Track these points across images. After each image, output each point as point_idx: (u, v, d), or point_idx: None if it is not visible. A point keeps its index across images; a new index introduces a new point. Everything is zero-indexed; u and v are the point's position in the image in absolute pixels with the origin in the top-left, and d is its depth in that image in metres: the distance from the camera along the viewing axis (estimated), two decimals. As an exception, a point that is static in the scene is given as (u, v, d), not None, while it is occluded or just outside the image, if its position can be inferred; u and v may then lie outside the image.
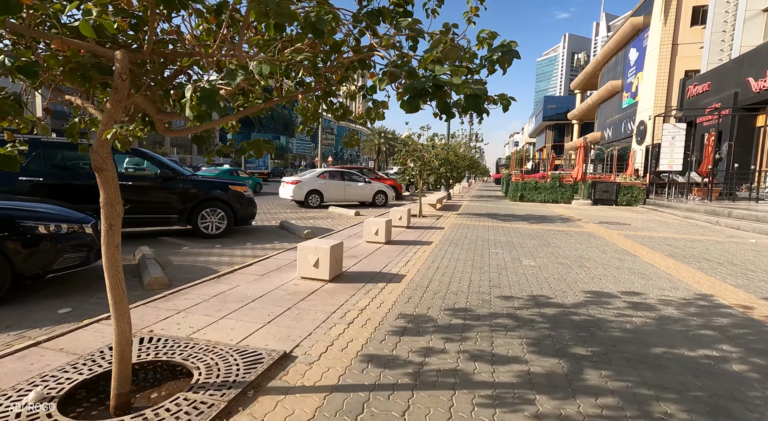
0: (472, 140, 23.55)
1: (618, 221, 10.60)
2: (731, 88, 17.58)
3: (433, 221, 9.57)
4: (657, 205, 14.28)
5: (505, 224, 9.26)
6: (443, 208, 12.93)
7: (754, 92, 16.09)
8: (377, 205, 14.33)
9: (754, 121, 16.84)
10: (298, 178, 13.09)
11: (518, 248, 6.28)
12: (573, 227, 9.15)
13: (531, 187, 16.52)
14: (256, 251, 6.03)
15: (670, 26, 26.35)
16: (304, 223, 9.46)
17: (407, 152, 9.85)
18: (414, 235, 7.32)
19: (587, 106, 43.69)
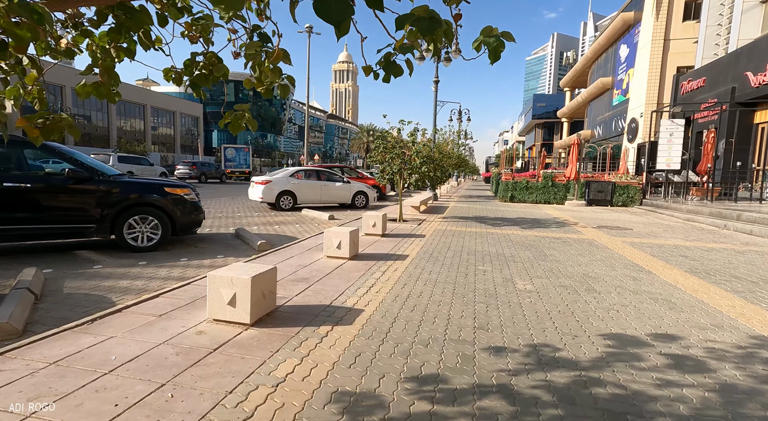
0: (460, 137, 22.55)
1: (617, 224, 9.65)
2: (728, 84, 16.86)
3: (414, 226, 8.48)
4: (655, 207, 13.44)
5: (494, 230, 8.22)
6: (428, 211, 11.86)
7: (752, 87, 15.35)
8: (357, 207, 13.19)
9: (752, 117, 16.15)
10: (268, 177, 11.87)
11: (510, 264, 5.22)
12: (570, 232, 8.15)
13: (522, 187, 15.56)
14: (188, 270, 4.86)
15: (662, 21, 25.70)
16: (268, 229, 8.29)
17: (385, 149, 8.74)
18: (388, 246, 6.21)
19: (577, 104, 43.14)
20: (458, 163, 19.48)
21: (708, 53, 19.41)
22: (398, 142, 8.83)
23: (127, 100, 59.49)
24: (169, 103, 69.75)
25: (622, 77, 31.71)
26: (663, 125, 14.09)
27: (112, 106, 56.55)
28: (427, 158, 8.71)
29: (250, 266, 3.05)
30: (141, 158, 21.71)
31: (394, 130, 8.75)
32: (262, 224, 9.01)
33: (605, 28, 35.93)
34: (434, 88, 15.32)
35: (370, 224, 6.98)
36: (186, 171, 25.99)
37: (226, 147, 32.53)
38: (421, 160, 8.43)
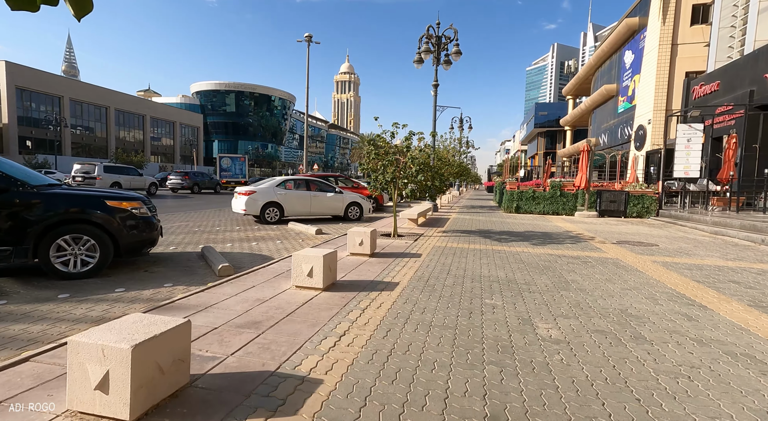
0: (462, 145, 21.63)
1: (639, 239, 8.59)
2: (745, 87, 15.90)
3: (410, 243, 7.45)
4: (674, 218, 12.36)
5: (501, 247, 7.18)
6: (426, 224, 10.83)
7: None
8: (350, 220, 12.18)
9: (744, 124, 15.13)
10: (252, 188, 10.90)
11: (525, 294, 4.17)
12: (589, 249, 7.10)
13: (528, 197, 14.53)
14: (116, 307, 3.83)
15: (669, 26, 24.93)
16: (242, 247, 7.27)
17: (377, 155, 7.76)
18: (375, 270, 5.18)
19: (580, 112, 42.32)
20: (460, 172, 18.50)
21: (721, 56, 18.52)
22: (392, 148, 7.86)
23: (126, 110, 59.16)
24: (168, 114, 69.50)
25: (628, 84, 30.88)
26: (680, 130, 13.10)
27: (111, 116, 56.20)
28: (424, 166, 7.72)
29: (146, 322, 2.02)
30: (128, 168, 20.81)
31: (386, 134, 7.78)
32: (239, 240, 7.99)
33: (606, 37, 35.29)
34: (433, 93, 14.42)
35: (357, 242, 5.95)
36: (178, 181, 25.12)
37: (221, 156, 31.74)
38: (417, 168, 7.43)
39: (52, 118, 41.36)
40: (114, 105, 56.71)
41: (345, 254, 6.07)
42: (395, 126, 7.79)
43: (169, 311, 3.32)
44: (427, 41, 13.79)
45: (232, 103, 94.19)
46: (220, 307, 3.48)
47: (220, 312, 3.35)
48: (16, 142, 43.47)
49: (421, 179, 7.37)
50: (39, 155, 41.41)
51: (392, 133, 7.85)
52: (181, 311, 3.31)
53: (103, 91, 55.69)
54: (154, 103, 70.93)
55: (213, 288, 4.08)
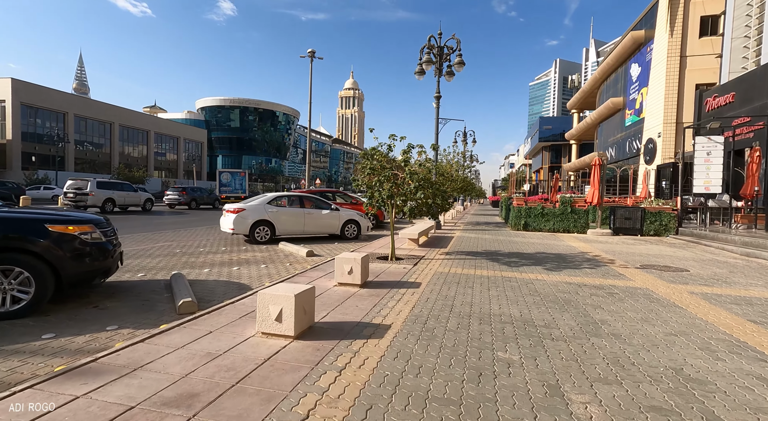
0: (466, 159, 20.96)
1: (664, 262, 7.72)
2: (764, 98, 15.14)
3: (409, 268, 6.63)
4: (697, 237, 11.45)
5: (511, 273, 6.34)
6: (428, 244, 10.02)
7: (795, 101, 13.62)
8: (347, 239, 11.40)
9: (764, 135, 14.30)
10: (241, 205, 10.18)
11: (547, 344, 3.34)
12: (611, 276, 6.24)
13: (537, 213, 13.70)
14: (28, 363, 3.05)
15: (677, 38, 24.42)
16: (220, 273, 6.49)
17: (372, 170, 7.03)
18: (364, 307, 4.37)
19: (586, 126, 41.71)
20: (464, 187, 17.75)
21: (735, 67, 17.85)
22: (389, 162, 7.13)
23: (130, 125, 59.45)
24: (173, 129, 69.86)
25: (635, 97, 30.28)
26: (698, 143, 12.31)
27: (115, 132, 56.44)
28: (424, 182, 6.96)
29: None
30: (122, 184, 20.26)
31: (383, 146, 7.07)
32: (220, 264, 7.22)
33: (611, 51, 34.95)
34: (435, 105, 13.81)
35: (345, 270, 5.15)
36: (175, 197, 24.57)
37: (221, 171, 31.32)
38: (417, 184, 6.67)
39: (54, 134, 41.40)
40: (119, 121, 57.03)
41: (332, 284, 5.27)
42: (392, 138, 7.08)
43: (80, 377, 2.52)
44: (428, 52, 13.24)
45: (236, 118, 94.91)
46: (154, 368, 2.68)
47: (151, 378, 2.55)
48: (20, 158, 43.47)
49: (420, 197, 6.60)
50: (40, 171, 41.28)
51: (389, 145, 7.14)
52: (98, 377, 2.52)
53: (107, 107, 56.11)
54: (159, 118, 71.45)
55: (159, 336, 3.28)
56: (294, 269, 7.00)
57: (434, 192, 7.01)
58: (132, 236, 10.90)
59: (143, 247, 8.96)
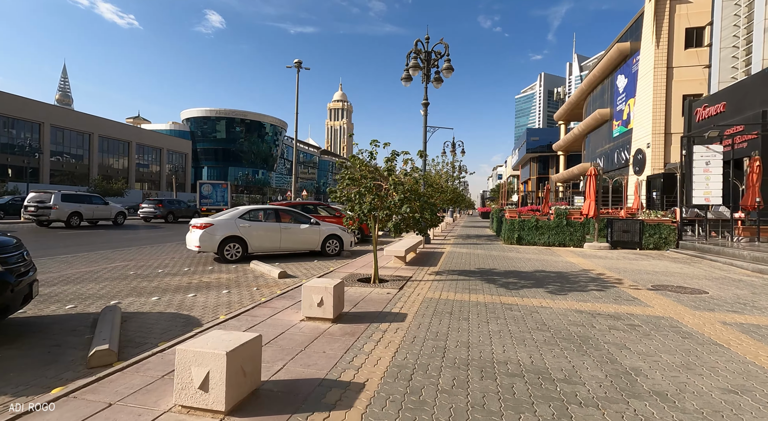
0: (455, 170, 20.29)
1: (676, 281, 6.97)
2: (756, 107, 14.86)
3: (393, 293, 5.73)
4: (700, 251, 10.82)
5: (512, 298, 5.48)
6: (416, 261, 9.13)
7: (789, 110, 13.32)
8: (328, 255, 10.45)
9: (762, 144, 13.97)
10: (209, 220, 9.18)
11: (574, 411, 2.46)
12: (626, 301, 5.43)
13: (531, 226, 12.97)
14: None
15: (663, 49, 24.47)
16: (173, 300, 5.48)
17: (351, 180, 6.17)
18: (332, 354, 3.44)
19: (573, 137, 41.79)
20: (453, 199, 17.02)
21: (725, 77, 17.68)
22: (371, 171, 6.28)
23: (110, 136, 57.69)
24: (156, 140, 68.17)
25: (622, 108, 30.30)
26: (697, 152, 11.80)
27: (94, 143, 54.65)
28: (411, 193, 6.12)
29: None
30: (91, 196, 18.94)
31: (364, 153, 6.22)
32: (175, 290, 6.20)
33: (595, 65, 35.20)
34: (423, 112, 13.11)
35: (314, 301, 4.22)
36: (151, 210, 23.28)
37: (201, 183, 30.07)
38: (402, 196, 5.81)
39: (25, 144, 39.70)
40: (98, 131, 55.32)
41: (298, 319, 4.33)
42: (374, 144, 6.24)
43: None
44: (415, 56, 12.59)
45: (222, 129, 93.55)
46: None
47: None
48: (-9, 169, 41.48)
49: (406, 210, 5.73)
50: (10, 183, 39.37)
51: (371, 152, 6.29)
52: None
53: (86, 117, 54.45)
54: (141, 129, 69.83)
55: (23, 418, 2.30)
56: (261, 294, 6.04)
57: (422, 205, 6.16)
58: (87, 254, 9.78)
59: (93, 268, 7.87)
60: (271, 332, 3.86)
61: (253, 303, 5.14)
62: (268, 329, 3.98)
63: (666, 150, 24.53)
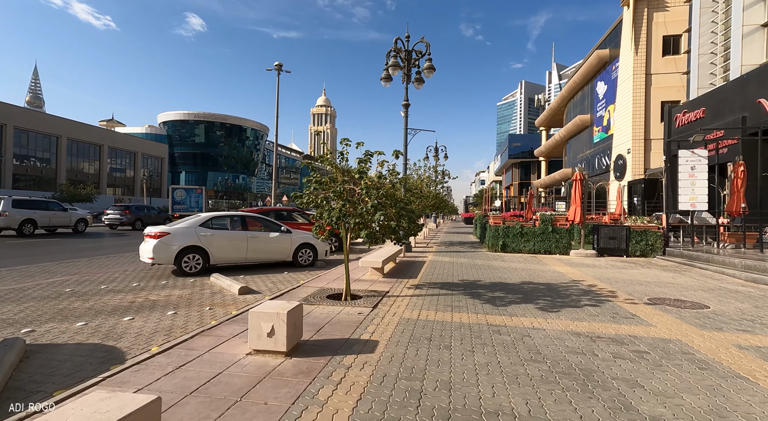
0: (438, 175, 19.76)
1: (672, 293, 6.48)
2: (735, 113, 14.87)
3: (366, 312, 5.00)
4: (689, 259, 10.49)
5: (500, 317, 4.84)
6: (395, 272, 8.43)
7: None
8: (300, 266, 9.65)
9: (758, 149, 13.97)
10: (165, 228, 8.26)
11: None
12: (625, 319, 4.86)
13: (516, 233, 12.47)
14: None
15: (642, 56, 24.73)
16: (101, 325, 4.61)
17: (319, 184, 5.44)
18: (276, 405, 2.69)
19: (555, 143, 42.11)
20: (436, 204, 16.45)
21: (704, 83, 17.78)
22: (343, 174, 5.56)
23: (80, 139, 55.16)
24: (130, 144, 65.67)
25: (602, 114, 30.55)
26: (682, 157, 11.55)
27: (62, 146, 52.12)
28: (386, 199, 5.42)
29: None
30: (48, 202, 17.54)
31: (333, 154, 5.52)
32: (111, 312, 5.31)
33: (575, 72, 35.60)
34: (404, 114, 12.51)
35: (263, 330, 3.45)
36: (116, 216, 21.91)
37: (174, 188, 28.63)
38: (375, 203, 5.11)
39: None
40: (67, 134, 52.85)
41: (244, 351, 3.55)
42: (345, 143, 5.53)
43: None
44: (395, 55, 12.00)
45: (201, 133, 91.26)
46: None
47: None
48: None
49: (380, 218, 5.03)
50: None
51: (342, 152, 5.58)
52: None
53: (54, 119, 51.98)
54: (114, 132, 67.24)
55: None
56: (213, 316, 5.22)
57: (399, 212, 5.47)
58: (26, 268, 8.70)
59: (24, 285, 6.86)
60: (204, 374, 3.08)
61: (200, 328, 4.33)
62: (202, 368, 3.19)
63: (646, 156, 24.70)
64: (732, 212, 11.54)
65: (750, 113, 14.22)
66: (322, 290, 6.31)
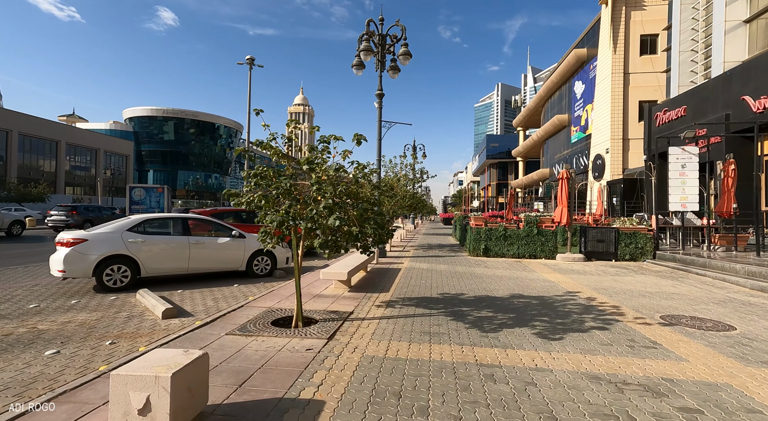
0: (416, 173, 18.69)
1: (682, 307, 5.57)
2: (718, 110, 14.49)
3: (317, 347, 3.78)
4: (681, 263, 9.78)
5: (491, 351, 3.72)
6: (363, 284, 7.23)
7: (754, 112, 12.88)
8: (256, 276, 8.32)
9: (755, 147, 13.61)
10: (82, 234, 6.76)
11: None
12: (645, 350, 3.84)
13: (499, 236, 11.51)
14: None
15: (620, 55, 24.51)
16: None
17: (259, 178, 4.19)
18: None
19: (532, 143, 42.02)
20: (414, 204, 15.37)
21: (684, 81, 17.45)
22: (290, 164, 4.32)
23: (33, 135, 51.23)
24: (91, 140, 61.73)
25: (580, 114, 30.37)
26: (672, 154, 10.88)
27: (13, 141, 48.17)
28: (347, 197, 4.22)
29: None
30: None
31: (278, 139, 4.27)
32: (-33, 352, 3.87)
33: (548, 78, 35.49)
34: (377, 104, 11.34)
35: (134, 405, 2.17)
36: (62, 218, 19.75)
37: (132, 187, 26.48)
38: (329, 203, 3.89)
39: None
40: (18, 129, 48.95)
41: (106, 437, 2.26)
42: (294, 124, 4.29)
43: None
44: (367, 39, 10.80)
45: (170, 130, 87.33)
46: None
47: None
48: None
49: (335, 223, 3.80)
50: None
51: (289, 136, 4.35)
52: None
53: (2, 112, 48.02)
54: (73, 128, 63.05)
55: None
56: (111, 353, 3.88)
57: (362, 215, 4.27)
58: None
59: None
60: None
61: (74, 379, 3.00)
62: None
63: (624, 156, 24.51)
64: (722, 212, 10.96)
65: (734, 111, 13.83)
66: (269, 312, 5.04)
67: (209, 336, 4.09)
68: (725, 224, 11.55)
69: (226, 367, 3.29)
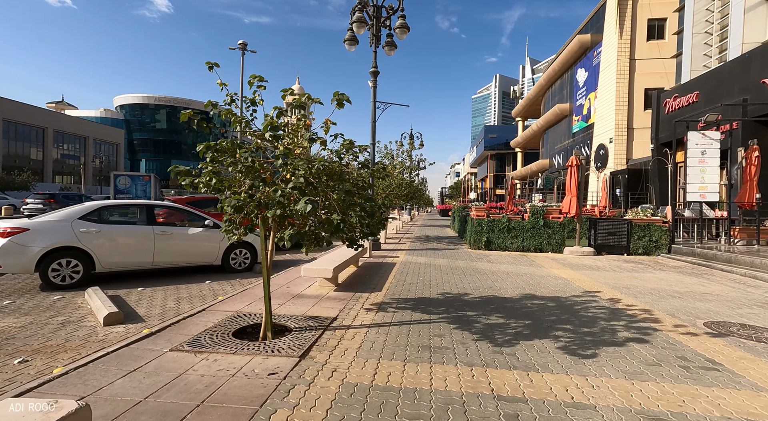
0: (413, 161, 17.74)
1: (724, 312, 4.75)
2: (734, 95, 13.58)
3: (286, 368, 2.89)
4: (702, 258, 8.97)
5: (508, 374, 2.86)
6: (352, 282, 6.35)
7: (776, 97, 12.00)
8: (234, 272, 7.41)
9: None
10: (23, 223, 5.80)
11: None
12: (711, 375, 2.99)
13: (502, 227, 10.65)
14: None
15: (626, 40, 23.46)
16: None
17: (219, 154, 3.26)
18: None
19: (531, 133, 41.04)
20: (410, 194, 14.46)
21: (697, 65, 16.49)
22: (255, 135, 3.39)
23: (18, 121, 49.55)
24: (80, 128, 59.99)
25: (582, 102, 29.38)
26: (692, 140, 10.01)
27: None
28: (326, 177, 3.31)
29: None
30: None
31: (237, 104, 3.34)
32: None
33: (546, 69, 34.43)
34: (371, 83, 10.35)
35: None
36: (38, 206, 18.68)
37: (116, 175, 25.21)
38: (300, 182, 2.97)
39: None
40: (2, 115, 47.28)
41: None
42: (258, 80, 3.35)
43: None
44: (361, 9, 9.78)
45: (163, 119, 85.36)
46: None
47: None
48: None
49: (305, 209, 2.86)
50: None
51: (252, 99, 3.41)
52: None
53: (-15, 97, 46.32)
54: (61, 115, 61.21)
55: None
56: (15, 378, 2.97)
57: (344, 199, 3.35)
58: None
59: None
60: None
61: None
62: None
63: (629, 145, 23.63)
64: (744, 203, 10.15)
65: (752, 95, 12.92)
66: (234, 318, 4.15)
67: (147, 353, 3.19)
68: (745, 215, 10.75)
69: (150, 405, 2.39)
